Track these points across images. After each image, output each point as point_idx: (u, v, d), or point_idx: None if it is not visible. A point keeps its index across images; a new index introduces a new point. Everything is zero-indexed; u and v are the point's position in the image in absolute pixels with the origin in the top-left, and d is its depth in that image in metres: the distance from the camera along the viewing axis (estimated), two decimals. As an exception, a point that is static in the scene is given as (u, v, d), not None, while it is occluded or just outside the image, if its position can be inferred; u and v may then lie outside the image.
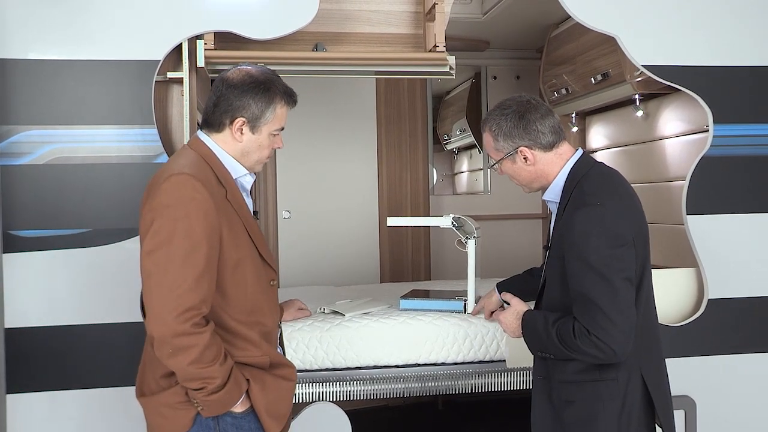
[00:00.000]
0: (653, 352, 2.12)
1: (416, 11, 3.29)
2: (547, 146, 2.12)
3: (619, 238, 1.95)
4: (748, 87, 3.04)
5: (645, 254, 2.07)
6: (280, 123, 2.01)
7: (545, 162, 2.13)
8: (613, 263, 1.92)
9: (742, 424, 3.07)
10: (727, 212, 3.03)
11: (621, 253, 1.94)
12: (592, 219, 1.96)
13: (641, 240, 2.05)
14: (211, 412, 1.85)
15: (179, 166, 1.88)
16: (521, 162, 2.14)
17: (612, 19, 2.97)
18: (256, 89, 1.95)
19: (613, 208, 1.98)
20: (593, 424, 2.02)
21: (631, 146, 4.15)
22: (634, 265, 1.98)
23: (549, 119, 2.13)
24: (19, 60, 2.65)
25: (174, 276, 1.77)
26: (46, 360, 2.68)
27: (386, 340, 2.77)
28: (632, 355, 1.99)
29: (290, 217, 4.94)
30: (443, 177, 5.95)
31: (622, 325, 1.91)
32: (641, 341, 2.03)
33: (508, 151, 2.13)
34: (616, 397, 2.02)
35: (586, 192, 2.04)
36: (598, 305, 1.91)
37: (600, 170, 2.13)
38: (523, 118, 2.11)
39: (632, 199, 2.10)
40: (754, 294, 3.05)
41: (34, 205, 2.66)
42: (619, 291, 1.92)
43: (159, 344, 1.77)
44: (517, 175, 2.18)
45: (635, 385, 2.04)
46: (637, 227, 2.03)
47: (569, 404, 2.07)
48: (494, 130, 2.14)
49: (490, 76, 5.49)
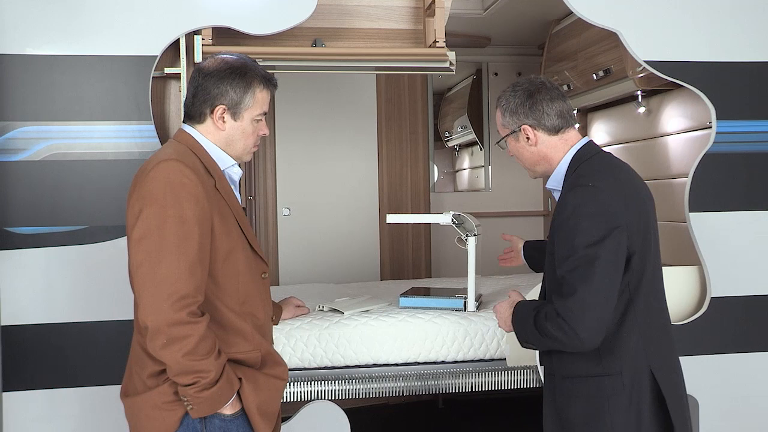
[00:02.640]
0: (664, 350, 2.05)
1: (416, 6, 3.27)
2: (551, 129, 2.10)
3: (612, 217, 1.90)
4: (751, 83, 3.01)
5: (646, 247, 2.00)
6: (262, 108, 1.99)
7: (549, 145, 2.11)
8: (599, 249, 1.87)
9: (745, 424, 3.05)
10: (731, 209, 3.01)
11: (611, 236, 1.87)
12: (584, 198, 1.93)
13: (642, 229, 1.98)
14: (201, 411, 1.81)
15: (166, 154, 1.87)
16: (524, 141, 2.12)
17: (614, 15, 2.95)
18: (232, 75, 1.94)
19: (607, 189, 1.94)
20: (598, 420, 1.97)
21: (634, 143, 4.13)
22: (624, 250, 1.91)
23: (558, 103, 2.10)
24: (15, 56, 2.63)
25: (167, 263, 1.74)
26: (43, 357, 2.66)
27: (386, 338, 2.75)
28: (639, 352, 1.96)
29: (290, 214, 4.93)
30: (444, 174, 5.93)
31: (593, 311, 1.84)
32: (647, 338, 1.99)
33: (512, 128, 2.13)
34: (620, 393, 1.96)
35: (580, 174, 2.01)
36: (573, 288, 1.86)
37: (602, 157, 2.10)
38: (531, 97, 2.10)
39: (634, 186, 2.04)
40: (757, 292, 3.03)
41: (30, 201, 2.64)
42: (598, 276, 1.85)
43: (153, 334, 1.74)
44: (520, 155, 2.17)
45: (644, 382, 1.97)
46: (636, 215, 1.97)
47: (573, 401, 2.02)
48: (503, 105, 2.15)
49: (491, 73, 5.47)
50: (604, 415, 1.96)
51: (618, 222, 1.90)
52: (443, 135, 5.86)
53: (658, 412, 1.99)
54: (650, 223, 2.04)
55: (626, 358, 1.96)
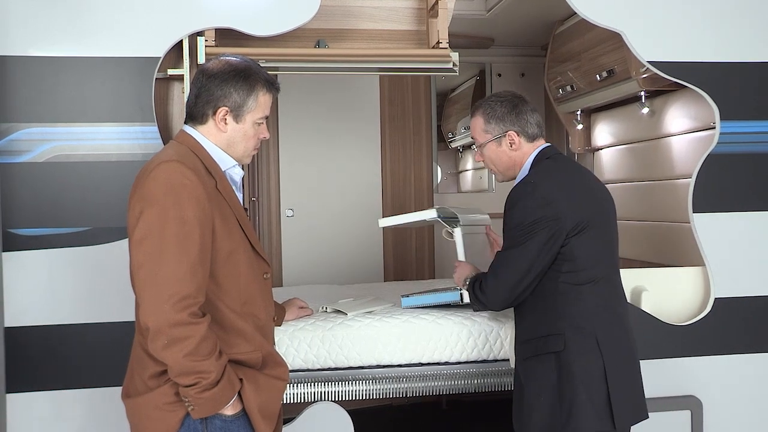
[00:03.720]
0: (615, 330, 2.25)
1: (419, 7, 3.27)
2: (530, 137, 2.38)
3: (548, 200, 2.18)
4: (755, 83, 3.01)
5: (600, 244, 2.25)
6: (264, 111, 2.00)
7: (524, 151, 2.38)
8: (527, 235, 2.18)
9: (749, 425, 3.04)
10: (734, 210, 3.00)
11: (540, 225, 2.16)
12: (521, 191, 2.25)
13: (587, 222, 2.20)
14: (202, 412, 1.81)
15: (167, 155, 1.87)
16: (506, 146, 2.38)
17: (617, 15, 2.94)
18: (236, 77, 1.94)
19: (544, 184, 2.23)
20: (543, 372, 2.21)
21: (637, 144, 4.12)
22: (556, 238, 2.17)
23: (536, 114, 2.41)
24: (19, 57, 2.64)
25: (168, 264, 1.75)
26: (47, 359, 2.66)
27: (389, 339, 2.75)
28: (587, 323, 2.19)
29: (293, 215, 4.93)
30: (447, 175, 5.92)
31: (504, 280, 2.24)
32: (600, 315, 2.22)
33: (496, 134, 2.38)
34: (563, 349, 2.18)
35: (528, 174, 2.31)
36: (497, 259, 2.29)
37: (556, 159, 2.35)
38: (517, 107, 2.38)
39: (585, 185, 2.31)
40: (761, 293, 3.03)
41: (33, 203, 2.65)
42: (516, 252, 2.20)
43: (154, 335, 1.74)
44: (497, 159, 2.41)
45: (589, 350, 2.18)
46: (578, 209, 2.21)
47: (525, 360, 2.28)
48: (488, 112, 2.39)
49: (494, 74, 5.46)
50: (550, 372, 2.20)
51: (550, 213, 2.17)
52: (447, 136, 5.85)
53: (601, 381, 2.17)
54: (607, 217, 2.31)
55: (570, 325, 2.20)
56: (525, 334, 2.31)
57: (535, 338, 2.25)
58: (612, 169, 4.44)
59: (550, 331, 2.21)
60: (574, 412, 2.15)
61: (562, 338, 2.18)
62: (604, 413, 2.16)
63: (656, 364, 2.90)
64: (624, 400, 2.20)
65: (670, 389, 2.95)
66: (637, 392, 2.29)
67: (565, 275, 2.21)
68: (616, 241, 2.36)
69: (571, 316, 2.20)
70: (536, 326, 2.26)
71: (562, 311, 2.21)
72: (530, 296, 2.26)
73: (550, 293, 2.23)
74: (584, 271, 2.21)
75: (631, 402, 2.24)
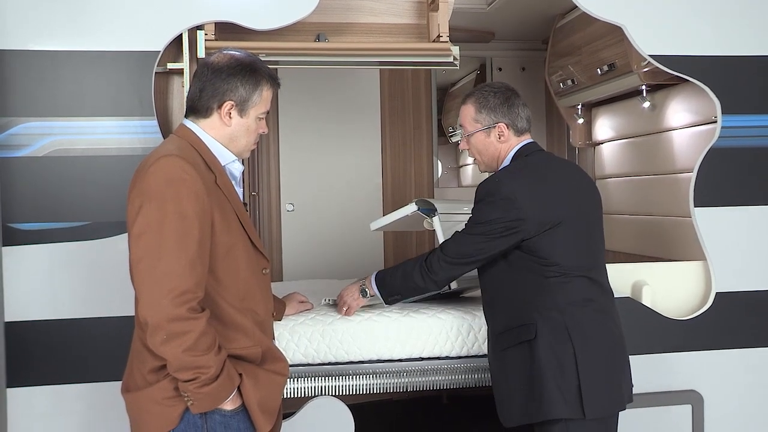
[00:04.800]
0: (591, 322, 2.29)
1: (419, 1, 3.25)
2: (519, 130, 2.41)
3: (511, 201, 2.23)
4: (757, 77, 3.00)
5: (576, 242, 2.30)
6: (266, 106, 2.01)
7: (510, 144, 2.41)
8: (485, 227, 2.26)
9: (750, 419, 3.04)
10: (736, 204, 3.00)
11: (502, 218, 2.23)
12: (486, 188, 2.31)
13: (557, 221, 2.26)
14: (202, 407, 1.81)
15: (167, 150, 1.87)
16: (494, 137, 2.41)
17: (618, 9, 2.93)
18: (243, 72, 1.95)
19: (510, 184, 2.28)
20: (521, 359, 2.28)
21: (638, 138, 4.11)
22: (517, 237, 2.25)
23: (527, 109, 2.44)
24: (18, 51, 2.63)
25: (167, 259, 1.74)
26: (47, 353, 2.66)
27: (389, 334, 2.74)
28: (558, 315, 2.24)
29: (294, 209, 4.92)
30: (448, 169, 5.91)
31: (451, 258, 2.34)
32: (572, 309, 2.25)
33: (486, 124, 2.41)
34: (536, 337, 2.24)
35: (500, 170, 2.39)
36: (451, 237, 2.38)
37: (536, 155, 2.39)
38: (509, 99, 2.41)
39: (547, 184, 2.33)
40: (762, 287, 3.02)
41: (33, 197, 2.64)
42: (469, 239, 2.31)
43: (153, 330, 1.74)
44: (484, 150, 2.44)
45: (559, 339, 2.23)
46: (546, 209, 2.26)
47: (502, 351, 2.34)
48: (480, 101, 2.43)
49: (495, 68, 5.44)
50: (525, 361, 2.26)
51: (512, 215, 2.24)
52: (447, 130, 5.84)
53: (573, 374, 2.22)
54: (587, 215, 2.36)
55: (540, 317, 2.25)
56: (499, 326, 2.38)
57: (508, 330, 2.32)
58: (613, 163, 4.43)
59: (523, 321, 2.28)
60: (545, 399, 2.21)
61: (534, 327, 2.25)
62: (575, 401, 2.20)
63: (657, 358, 2.90)
64: (597, 389, 2.23)
65: (671, 384, 2.95)
66: (615, 382, 2.30)
67: (537, 269, 2.28)
68: (599, 235, 2.42)
69: (544, 308, 2.26)
70: (509, 318, 2.33)
71: (534, 302, 2.27)
72: (503, 289, 2.36)
73: (521, 286, 2.30)
74: (556, 266, 2.27)
75: (608, 391, 2.27)
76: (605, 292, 2.39)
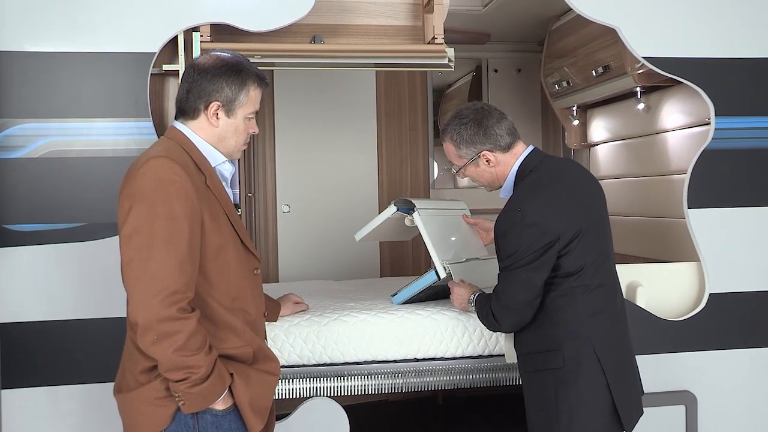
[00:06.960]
0: (611, 331, 2.25)
1: (415, 3, 3.26)
2: (505, 147, 2.32)
3: (540, 227, 2.15)
4: (750, 79, 3.02)
5: (592, 249, 2.22)
6: (254, 106, 2.01)
7: (504, 163, 2.34)
8: (521, 261, 2.16)
9: (744, 420, 3.05)
10: (729, 206, 3.01)
11: (539, 244, 2.14)
12: (509, 220, 2.21)
13: (584, 227, 2.20)
14: (193, 407, 1.82)
15: (156, 151, 1.88)
16: (484, 165, 2.34)
17: (613, 11, 2.95)
18: (228, 72, 1.95)
19: (532, 208, 2.18)
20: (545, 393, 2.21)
21: (632, 139, 4.12)
22: (549, 257, 2.16)
23: (504, 122, 2.34)
24: (13, 53, 2.63)
25: (157, 260, 1.75)
26: (43, 355, 2.66)
27: (384, 334, 2.75)
28: (582, 330, 2.18)
29: (290, 210, 4.92)
30: (444, 171, 5.91)
31: (506, 303, 2.22)
32: (589, 320, 2.19)
33: (471, 157, 2.34)
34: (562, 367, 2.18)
35: (514, 196, 2.29)
36: (500, 283, 2.26)
37: (544, 166, 2.30)
38: (482, 124, 2.31)
39: (573, 191, 2.27)
40: (755, 288, 3.03)
41: (28, 199, 2.65)
42: (514, 283, 2.20)
43: (143, 331, 1.75)
44: (480, 177, 2.40)
45: (587, 365, 2.17)
46: (569, 221, 2.19)
47: (526, 376, 2.29)
48: (455, 139, 2.34)
49: (491, 69, 5.44)
50: (549, 390, 2.19)
51: (546, 240, 2.15)
52: (444, 131, 5.84)
53: (604, 390, 2.18)
54: (598, 218, 2.29)
55: (567, 338, 2.19)
56: (525, 346, 2.30)
57: (534, 352, 2.25)
58: (607, 164, 4.45)
59: (550, 345, 2.20)
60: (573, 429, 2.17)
61: (561, 355, 2.18)
62: (612, 422, 2.19)
63: (651, 359, 2.91)
64: (628, 403, 2.22)
65: (664, 384, 2.96)
66: (635, 392, 2.30)
67: (559, 284, 2.21)
68: (610, 239, 2.36)
69: (566, 323, 2.20)
70: (534, 337, 2.26)
71: (557, 318, 2.21)
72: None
73: (543, 302, 2.23)
74: (578, 277, 2.20)
75: (634, 402, 2.27)
76: (619, 297, 2.34)
